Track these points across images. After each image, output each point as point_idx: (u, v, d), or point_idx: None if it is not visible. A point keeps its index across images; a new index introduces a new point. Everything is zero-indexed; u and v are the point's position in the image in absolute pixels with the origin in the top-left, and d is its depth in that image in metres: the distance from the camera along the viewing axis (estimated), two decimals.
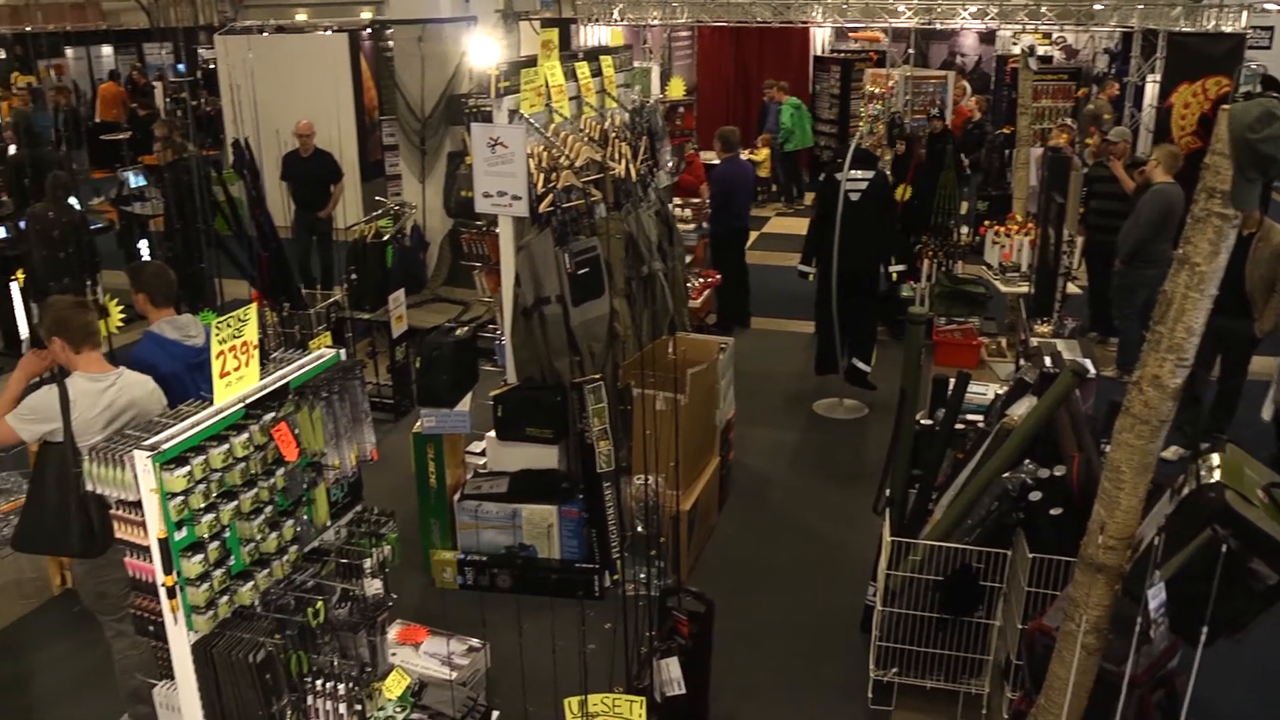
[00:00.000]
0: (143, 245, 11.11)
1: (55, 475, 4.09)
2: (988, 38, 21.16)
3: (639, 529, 5.50)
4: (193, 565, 3.04)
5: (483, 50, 9.78)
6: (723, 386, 6.46)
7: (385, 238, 8.07)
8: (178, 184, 8.73)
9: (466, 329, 5.97)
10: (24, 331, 9.46)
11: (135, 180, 11.64)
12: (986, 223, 9.85)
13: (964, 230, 10.34)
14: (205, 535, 3.07)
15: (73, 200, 8.83)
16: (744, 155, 11.07)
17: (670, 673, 4.05)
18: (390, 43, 11.22)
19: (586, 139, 5.89)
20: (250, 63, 9.54)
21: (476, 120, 6.36)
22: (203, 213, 8.36)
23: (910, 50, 13.97)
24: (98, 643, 4.69)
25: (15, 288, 9.35)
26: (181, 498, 2.97)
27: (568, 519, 5.60)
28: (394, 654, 4.15)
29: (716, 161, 10.03)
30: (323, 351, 3.68)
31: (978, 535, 4.40)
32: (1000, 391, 5.08)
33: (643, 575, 5.15)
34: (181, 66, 20.18)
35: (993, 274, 9.14)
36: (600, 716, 3.50)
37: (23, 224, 9.51)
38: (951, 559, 4.44)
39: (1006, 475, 4.31)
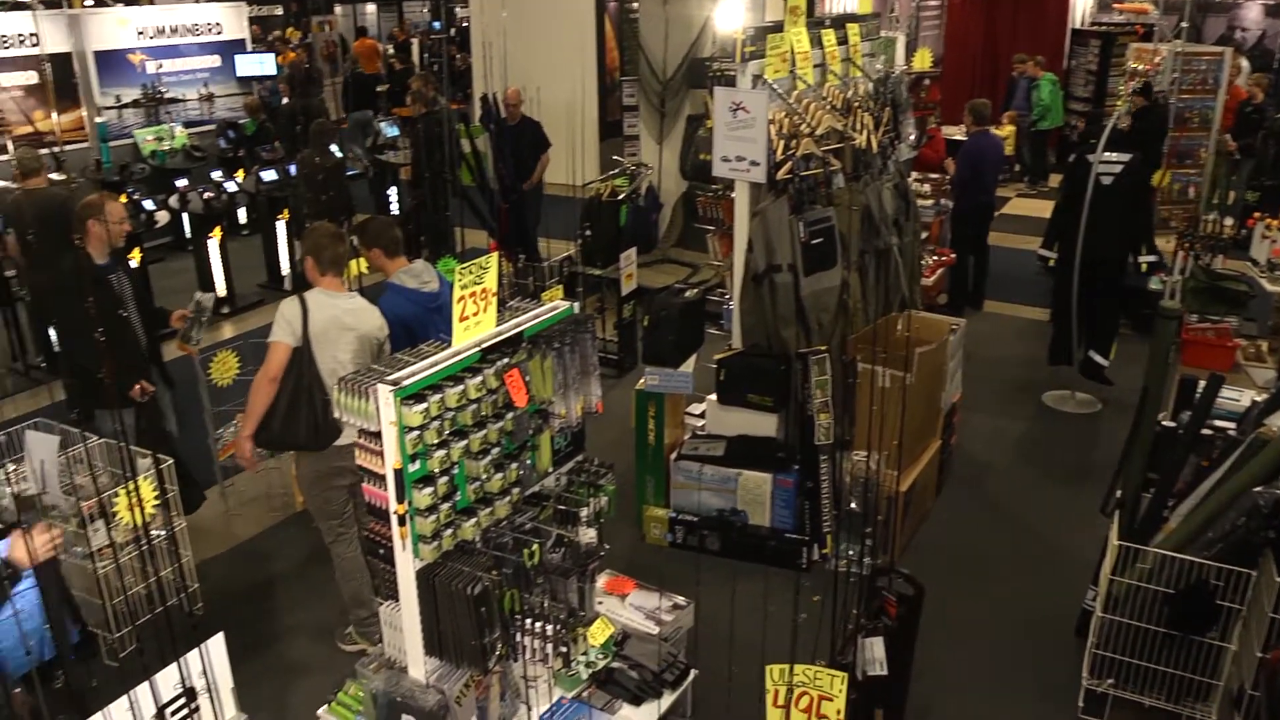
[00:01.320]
0: (392, 192, 11.74)
1: (294, 377, 4.58)
2: (1275, 10, 19.36)
3: (853, 505, 5.41)
4: (423, 497, 3.21)
5: (728, 14, 9.73)
6: (950, 368, 6.24)
7: (620, 197, 8.20)
8: (428, 135, 9.16)
9: (695, 291, 6.01)
10: (285, 268, 10.19)
11: (388, 130, 12.30)
12: (1256, 214, 9.06)
13: (1228, 222, 9.55)
14: (436, 470, 3.23)
15: (333, 148, 9.41)
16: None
17: (874, 652, 3.97)
18: (636, 4, 11.33)
19: (829, 107, 5.77)
20: (504, 21, 9.85)
21: (719, 84, 6.34)
22: (449, 164, 8.73)
23: (1184, 24, 12.97)
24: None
25: (281, 226, 10.08)
26: (417, 432, 3.13)
27: (781, 488, 5.57)
28: (600, 602, 4.24)
29: (959, 137, 9.64)
30: (557, 303, 3.78)
31: (1219, 550, 4.08)
32: (1257, 399, 4.68)
33: (852, 552, 5.07)
34: (437, 24, 21.09)
35: (1259, 271, 8.40)
36: (802, 687, 3.47)
37: (291, 168, 10.25)
38: (1186, 572, 4.14)
39: (1259, 490, 3.98)
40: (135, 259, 7.90)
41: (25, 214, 7.29)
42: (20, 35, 12.12)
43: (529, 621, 3.53)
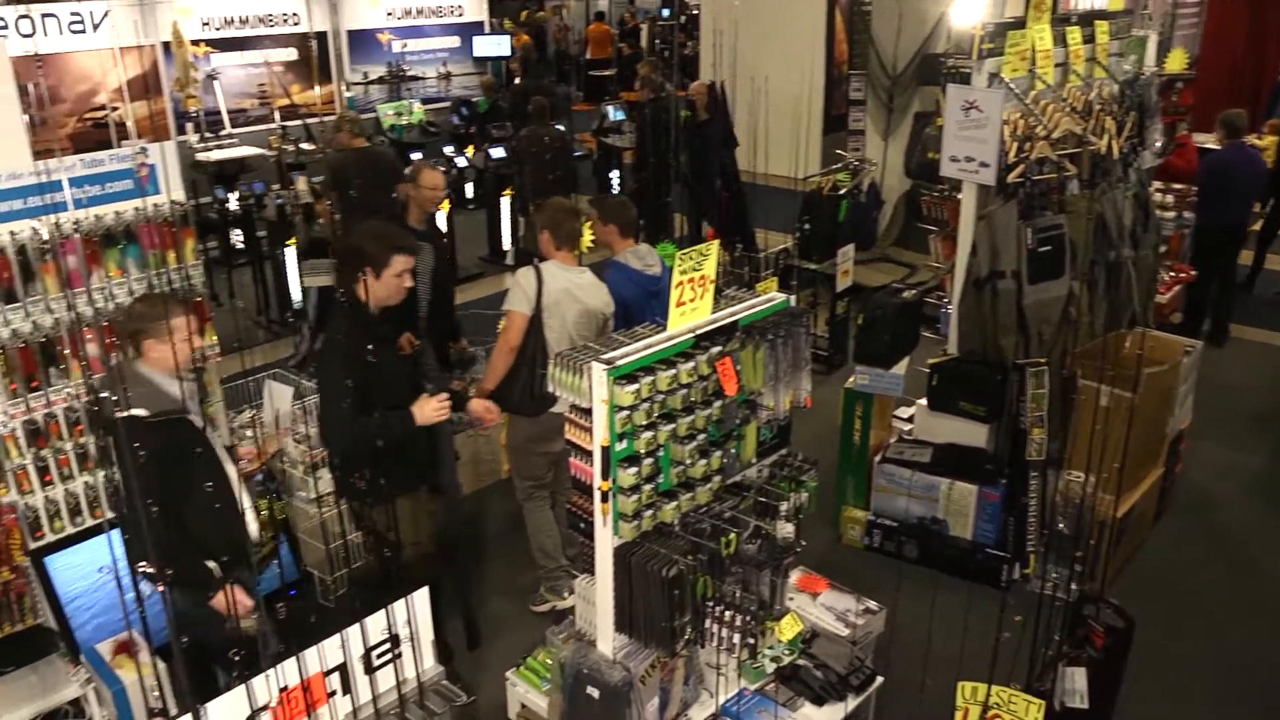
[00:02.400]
0: (614, 175, 11.96)
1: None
2: None
3: (1061, 526, 5.17)
4: (627, 476, 3.27)
5: (966, 8, 9.41)
6: (1181, 393, 5.87)
7: (841, 192, 8.08)
8: (654, 121, 9.27)
9: (914, 292, 5.87)
10: (507, 242, 10.56)
11: (615, 114, 12.52)
12: None
13: None
14: (642, 450, 3.28)
15: (560, 127, 9.66)
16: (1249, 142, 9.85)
17: (1076, 683, 3.78)
18: None
19: (1068, 110, 5.51)
20: (735, 10, 9.85)
21: (953, 81, 6.14)
22: (675, 150, 8.81)
23: None
24: None
25: (505, 203, 10.44)
26: (627, 412, 3.18)
27: (987, 501, 5.38)
28: (792, 599, 4.22)
29: (1213, 146, 9.00)
30: (774, 295, 3.77)
31: None
32: None
33: (1056, 575, 4.84)
34: (666, 11, 21.30)
35: None
36: (995, 709, 3.35)
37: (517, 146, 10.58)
38: None
39: None
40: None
41: (354, 169, 7.77)
42: (285, 14, 13.00)
43: (719, 609, 3.55)
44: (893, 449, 5.77)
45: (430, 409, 4.14)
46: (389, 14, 14.09)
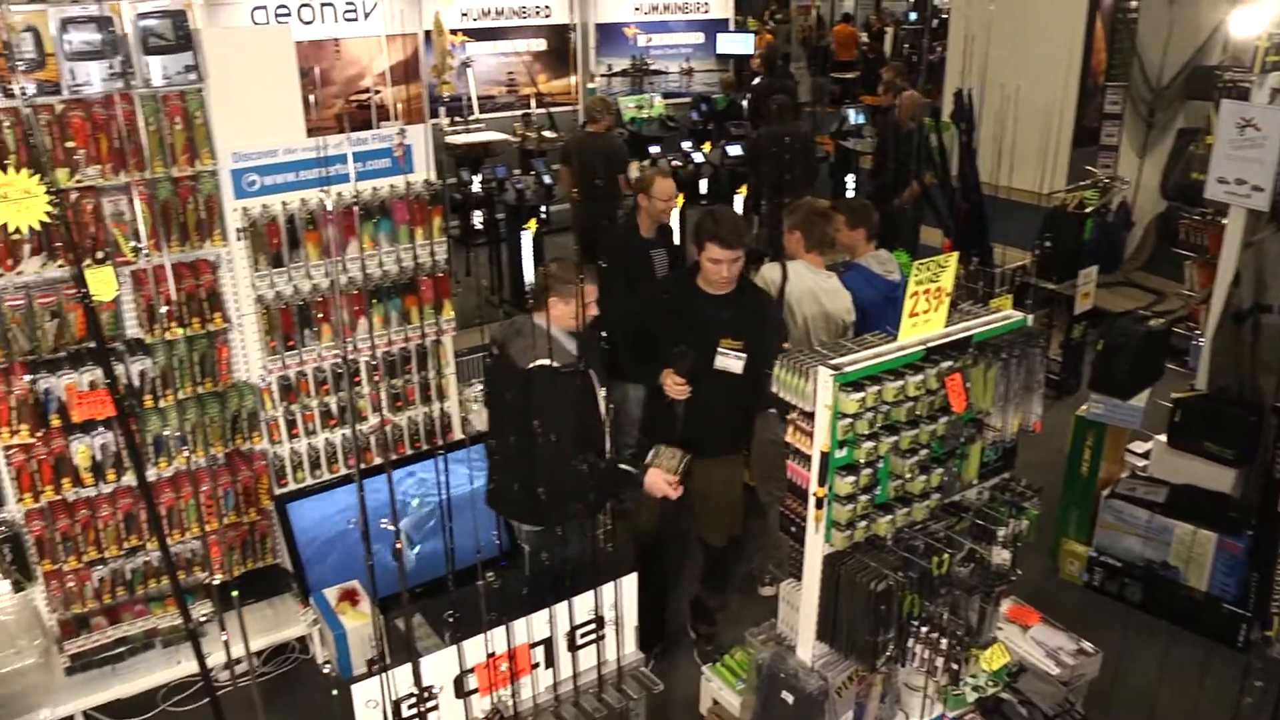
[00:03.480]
0: (849, 180, 11.79)
1: None
2: None
3: None
4: (844, 484, 3.21)
5: (1249, 17, 8.73)
6: None
7: (1088, 210, 7.68)
8: (896, 126, 9.09)
9: (1161, 320, 5.51)
10: None
11: (855, 117, 12.33)
12: None
13: None
14: (861, 460, 3.22)
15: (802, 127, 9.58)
16: None
17: None
18: (1135, 3, 10.49)
19: None
20: (990, 14, 9.51)
21: (1228, 96, 5.73)
22: (916, 158, 8.61)
23: None
24: None
25: (738, 200, 10.47)
26: (850, 420, 3.13)
27: (1228, 552, 4.99)
28: (1001, 628, 4.04)
29: None
30: (1009, 313, 3.62)
31: None
32: None
33: None
34: (914, 15, 20.80)
35: None
36: None
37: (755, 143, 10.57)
38: None
39: None
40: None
41: (586, 151, 8.39)
42: (538, 7, 13.47)
43: (925, 630, 3.44)
44: (1123, 485, 5.44)
45: (669, 383, 4.29)
46: (636, 9, 14.36)
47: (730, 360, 4.41)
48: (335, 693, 3.04)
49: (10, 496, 4.23)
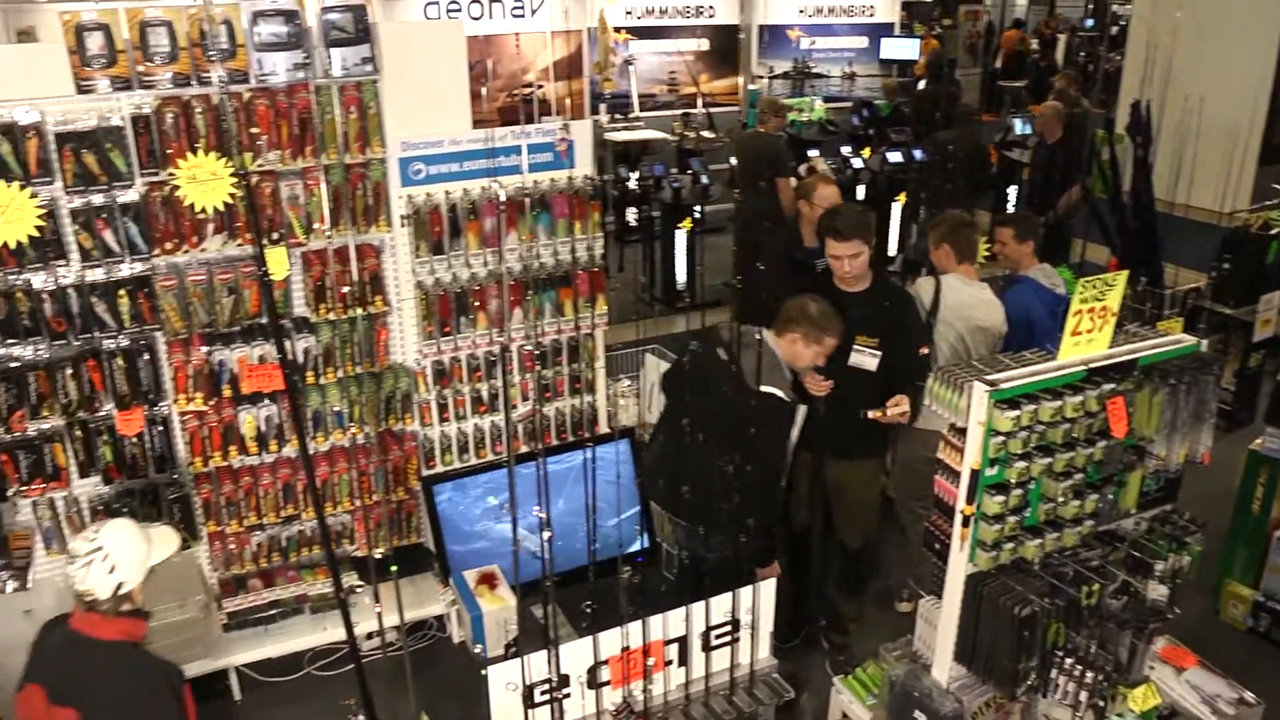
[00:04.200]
0: (1011, 191, 11.42)
1: None
2: None
3: None
4: (992, 503, 3.13)
5: None
6: None
7: (1273, 231, 7.25)
8: (1066, 138, 8.76)
9: None
10: (893, 248, 10.38)
11: (1021, 127, 11.93)
12: None
13: None
14: (1012, 480, 3.13)
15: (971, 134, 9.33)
16: None
17: None
18: None
19: None
20: (1176, 21, 9.08)
21: None
22: (1084, 170, 8.30)
23: None
24: None
25: (896, 208, 10.27)
26: (1003, 438, 3.05)
27: None
28: (1152, 668, 3.87)
29: None
30: (1180, 337, 3.46)
31: None
32: None
33: None
34: (1090, 21, 19.99)
35: None
36: None
37: (917, 152, 10.36)
38: None
39: None
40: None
41: (749, 151, 8.57)
42: (701, 7, 13.51)
43: (1070, 662, 3.32)
44: None
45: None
46: (800, 10, 14.27)
47: (865, 357, 4.41)
48: (485, 672, 3.12)
49: (183, 459, 4.49)
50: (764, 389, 3.95)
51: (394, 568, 3.37)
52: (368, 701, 3.54)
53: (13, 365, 4.11)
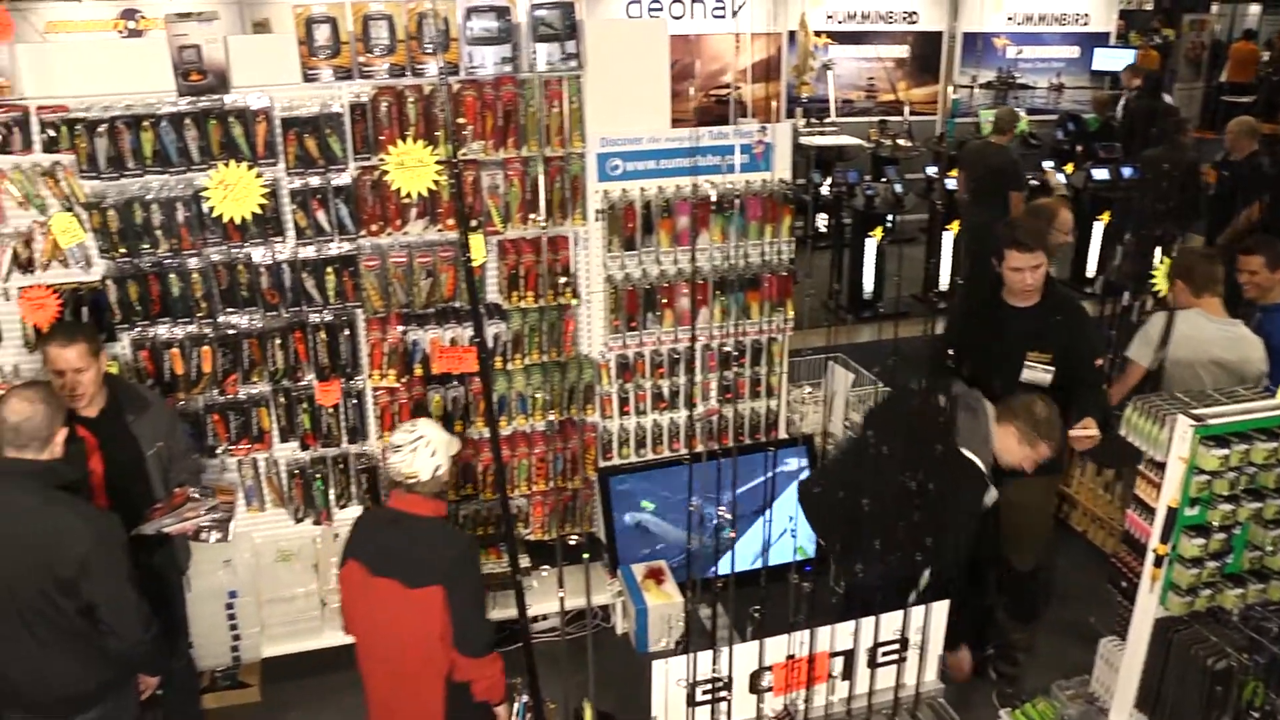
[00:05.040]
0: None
1: None
2: None
3: None
4: (1190, 546, 2.96)
5: None
6: None
7: None
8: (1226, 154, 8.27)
9: None
10: (1091, 269, 9.92)
11: None
12: None
13: None
14: (1215, 523, 2.95)
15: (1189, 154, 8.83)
16: None
17: None
18: None
19: None
20: None
21: None
22: (1245, 191, 7.80)
23: None
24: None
25: (1098, 227, 9.82)
26: (1207, 477, 2.87)
27: None
28: None
29: None
30: None
31: None
32: None
33: None
34: None
35: None
36: None
37: (1126, 170, 9.86)
38: None
39: None
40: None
41: (976, 161, 8.53)
42: (905, 12, 13.25)
43: None
44: None
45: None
46: (1009, 18, 13.78)
47: (1038, 373, 4.28)
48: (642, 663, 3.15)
49: (373, 433, 4.70)
50: (965, 452, 3.78)
51: (586, 555, 3.47)
52: (533, 682, 3.62)
53: (230, 332, 4.41)
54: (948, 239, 8.82)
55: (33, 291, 4.19)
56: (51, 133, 4.09)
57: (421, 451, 3.32)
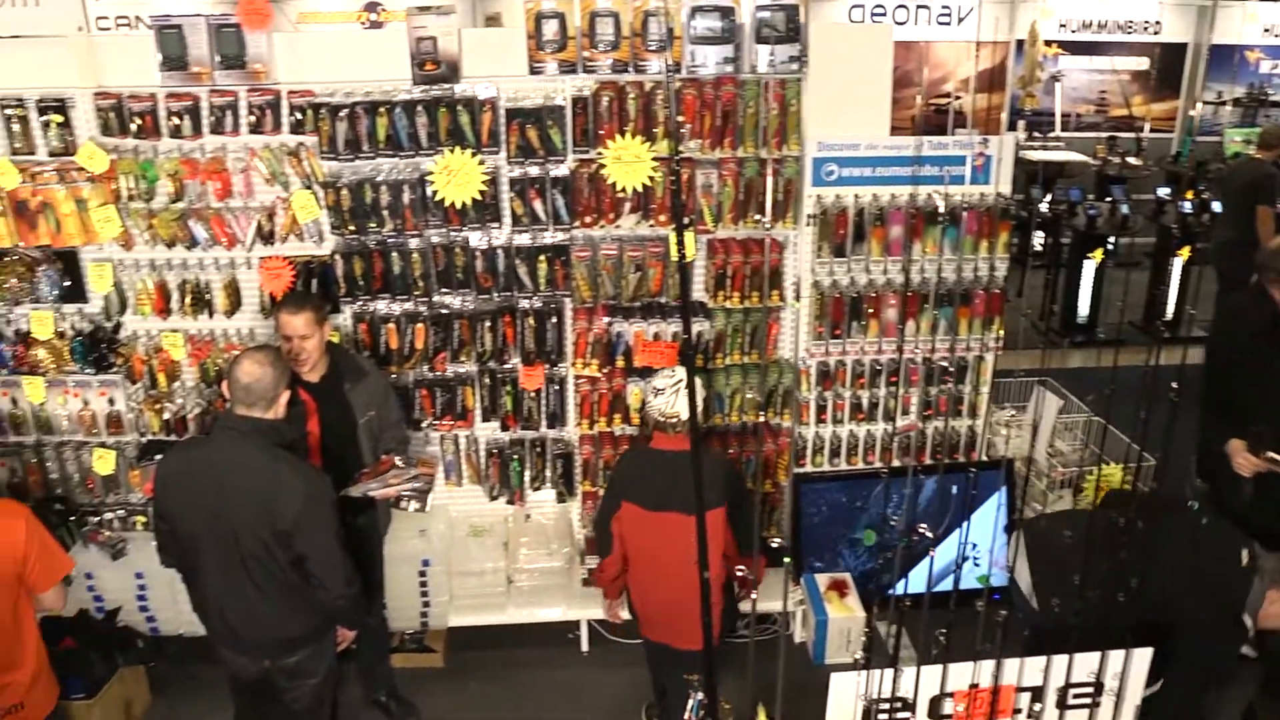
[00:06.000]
0: None
1: None
2: None
3: None
4: None
5: None
6: None
7: None
8: None
9: None
10: None
11: None
12: None
13: None
14: None
15: None
16: None
17: None
18: None
19: None
20: None
21: None
22: None
23: None
24: None
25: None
26: None
27: None
28: None
29: None
30: None
31: None
32: None
33: None
34: None
35: None
36: None
37: None
38: None
39: None
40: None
41: (1235, 176, 8.21)
42: (1146, 22, 12.52)
43: None
44: None
45: (1239, 458, 3.98)
46: (1265, 29, 12.78)
47: None
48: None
49: (571, 420, 4.80)
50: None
51: (787, 560, 3.45)
52: (710, 680, 3.60)
53: (443, 312, 4.61)
54: (1177, 265, 8.30)
55: (271, 262, 4.50)
56: (298, 115, 4.36)
57: (682, 394, 3.61)
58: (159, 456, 4.36)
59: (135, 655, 4.62)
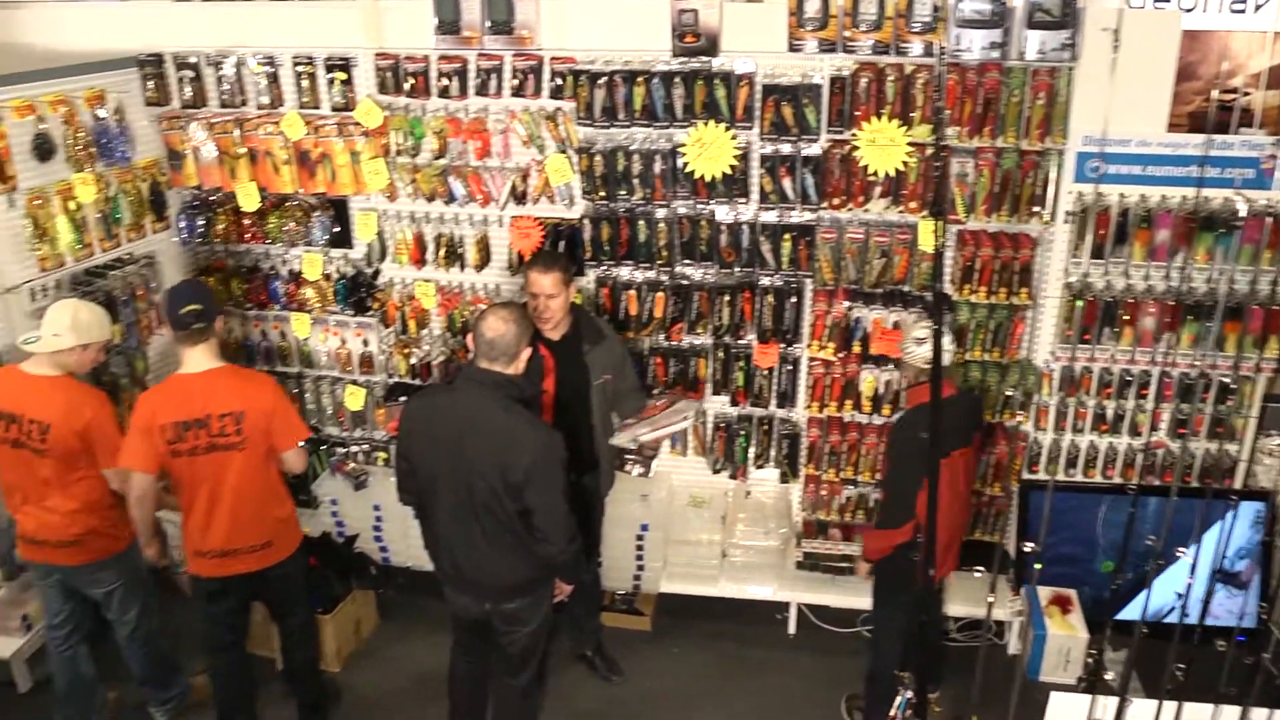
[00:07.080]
0: None
1: None
2: None
3: None
4: None
5: None
6: None
7: None
8: None
9: None
10: None
11: None
12: None
13: None
14: None
15: None
16: None
17: None
18: None
19: None
20: None
21: None
22: None
23: None
24: None
25: None
26: None
27: None
28: None
29: None
30: None
31: None
32: None
33: None
34: None
35: None
36: None
37: None
38: None
39: None
40: None
41: None
42: None
43: None
44: None
45: None
46: None
47: None
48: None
49: (801, 401, 4.79)
50: None
51: (1039, 565, 3.34)
52: (921, 680, 3.53)
53: (683, 282, 4.68)
54: None
55: (522, 221, 4.69)
56: (559, 81, 4.51)
57: (924, 345, 3.77)
58: (404, 398, 4.66)
59: (368, 580, 4.97)
